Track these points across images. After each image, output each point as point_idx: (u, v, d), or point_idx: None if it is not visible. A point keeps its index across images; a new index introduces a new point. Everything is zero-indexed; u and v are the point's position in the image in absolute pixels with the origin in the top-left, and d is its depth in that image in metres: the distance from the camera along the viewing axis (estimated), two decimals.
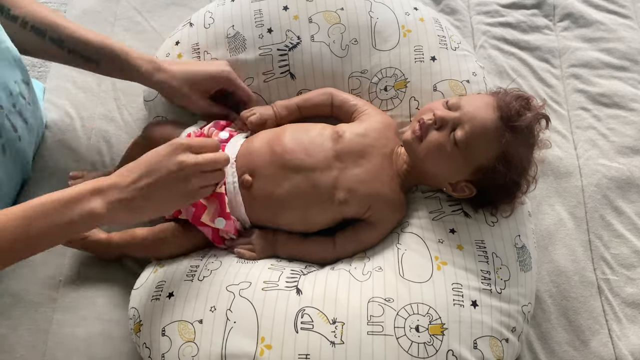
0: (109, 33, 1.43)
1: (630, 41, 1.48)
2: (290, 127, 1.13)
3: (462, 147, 1.00)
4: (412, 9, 1.23)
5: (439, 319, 0.94)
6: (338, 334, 0.92)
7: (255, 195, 1.07)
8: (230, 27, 1.20)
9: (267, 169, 1.07)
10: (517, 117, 0.99)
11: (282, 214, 1.07)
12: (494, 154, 1.00)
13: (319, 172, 1.05)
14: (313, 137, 1.09)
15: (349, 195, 1.05)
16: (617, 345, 1.13)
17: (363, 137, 1.09)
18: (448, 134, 1.01)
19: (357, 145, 1.08)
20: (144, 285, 1.04)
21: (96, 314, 1.10)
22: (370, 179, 1.06)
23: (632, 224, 1.25)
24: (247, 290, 0.97)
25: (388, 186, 1.08)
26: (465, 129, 0.99)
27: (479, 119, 1.00)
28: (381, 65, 1.19)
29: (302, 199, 1.06)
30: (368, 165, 1.07)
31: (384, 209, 1.07)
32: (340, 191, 1.05)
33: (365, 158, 1.07)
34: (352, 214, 1.07)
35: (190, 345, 0.94)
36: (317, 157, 1.06)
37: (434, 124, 1.02)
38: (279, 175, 1.06)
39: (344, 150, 1.07)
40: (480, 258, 1.01)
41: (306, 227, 1.09)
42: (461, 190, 1.04)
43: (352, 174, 1.06)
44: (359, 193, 1.05)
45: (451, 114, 1.02)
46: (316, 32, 1.19)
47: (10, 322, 1.08)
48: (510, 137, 0.98)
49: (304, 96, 1.19)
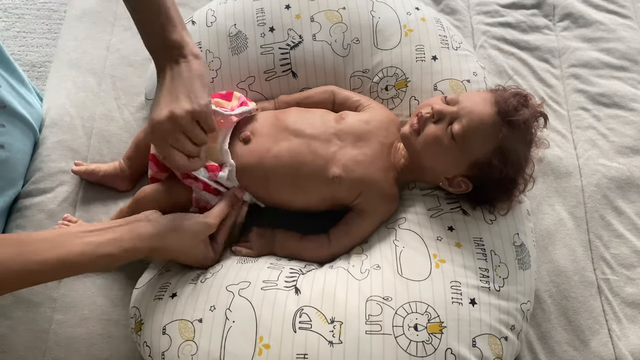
0: (109, 33, 1.44)
1: (630, 41, 1.48)
2: (295, 109, 1.15)
3: (459, 140, 1.00)
4: (413, 8, 1.24)
5: (438, 317, 0.94)
6: (336, 334, 0.92)
7: (251, 150, 1.08)
8: (232, 25, 1.21)
9: (268, 130, 1.09)
10: (515, 113, 1.00)
11: (273, 176, 1.08)
12: (490, 148, 1.00)
13: (318, 142, 1.07)
14: (317, 115, 1.12)
15: (343, 172, 1.05)
16: (617, 345, 1.13)
17: (365, 124, 1.10)
18: (445, 127, 1.02)
19: (358, 129, 1.09)
20: (147, 285, 1.05)
21: (96, 314, 1.10)
22: (366, 163, 1.07)
23: (632, 224, 1.25)
24: (246, 290, 0.97)
25: (383, 175, 1.08)
26: (463, 122, 1.00)
27: (477, 113, 1.00)
28: (382, 64, 1.19)
29: (296, 163, 1.06)
30: (366, 150, 1.08)
31: (374, 196, 1.08)
32: (335, 167, 1.06)
33: (364, 141, 1.08)
34: (342, 195, 1.08)
35: (189, 344, 0.94)
36: (318, 130, 1.08)
37: (431, 117, 1.03)
38: (279, 136, 1.08)
39: (344, 130, 1.09)
40: (478, 256, 1.01)
41: (294, 198, 1.10)
42: (457, 185, 1.04)
43: (350, 154, 1.07)
44: (353, 173, 1.06)
45: (449, 108, 1.02)
46: (318, 31, 1.19)
47: (10, 322, 1.09)
48: (507, 132, 0.99)
49: (305, 93, 1.20)
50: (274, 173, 1.07)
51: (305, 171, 1.06)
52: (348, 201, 1.08)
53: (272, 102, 1.20)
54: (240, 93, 1.17)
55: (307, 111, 1.14)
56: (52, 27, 2.02)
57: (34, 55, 1.96)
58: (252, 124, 1.11)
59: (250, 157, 1.08)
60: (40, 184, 1.23)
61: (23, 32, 2.00)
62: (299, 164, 1.06)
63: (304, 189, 1.08)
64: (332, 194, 1.08)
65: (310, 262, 1.09)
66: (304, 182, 1.07)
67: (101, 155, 1.27)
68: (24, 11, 2.03)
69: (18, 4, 2.05)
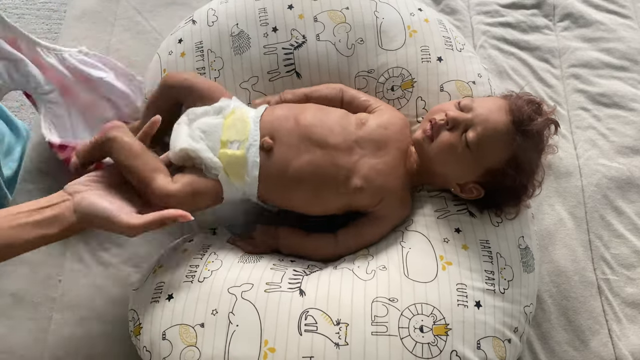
0: (109, 33, 1.43)
1: (630, 41, 1.49)
2: (312, 106, 1.11)
3: (473, 148, 1.00)
4: (416, 9, 1.23)
5: (443, 319, 0.94)
6: (342, 335, 0.92)
7: (273, 161, 1.04)
8: (235, 25, 1.19)
9: (290, 138, 1.04)
10: (529, 122, 1.00)
11: (294, 188, 1.05)
12: (504, 157, 1.00)
13: (341, 153, 1.04)
14: (336, 119, 1.08)
15: (365, 183, 1.04)
16: (617, 345, 1.14)
17: (384, 129, 1.08)
18: (460, 135, 1.01)
19: (379, 136, 1.07)
20: (143, 286, 1.03)
21: (96, 314, 1.10)
22: (386, 172, 1.06)
23: (632, 224, 1.25)
24: (249, 292, 0.96)
25: (400, 182, 1.07)
26: (478, 130, 1.00)
27: (492, 121, 1.00)
28: (388, 64, 1.18)
29: (318, 176, 1.04)
30: (386, 158, 1.06)
31: (394, 203, 1.07)
32: (357, 178, 1.04)
33: (384, 150, 1.07)
34: (363, 203, 1.07)
35: (192, 350, 0.93)
36: (340, 138, 1.05)
37: (445, 124, 1.02)
38: (301, 147, 1.04)
39: (365, 137, 1.06)
40: (485, 258, 1.01)
41: (315, 208, 1.08)
42: (469, 191, 1.04)
43: (371, 163, 1.05)
44: (374, 184, 1.04)
45: (464, 115, 1.02)
46: (321, 31, 1.19)
47: (10, 322, 1.08)
48: (521, 141, 0.99)
49: (313, 88, 1.17)
50: (295, 185, 1.04)
51: (326, 183, 1.04)
52: (368, 207, 1.07)
53: (277, 96, 1.16)
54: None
55: (326, 112, 1.09)
56: (52, 27, 2.01)
57: None
58: (272, 124, 1.06)
59: (271, 168, 1.04)
60: (37, 184, 1.23)
61: None
62: (321, 176, 1.04)
63: (324, 199, 1.06)
64: (352, 202, 1.07)
65: (314, 260, 1.08)
66: (324, 193, 1.05)
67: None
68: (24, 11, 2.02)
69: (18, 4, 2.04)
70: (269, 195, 1.07)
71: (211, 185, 1.02)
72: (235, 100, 1.11)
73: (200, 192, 1.01)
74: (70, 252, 1.15)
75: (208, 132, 1.04)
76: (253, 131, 1.04)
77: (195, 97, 1.09)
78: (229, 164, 1.02)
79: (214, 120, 1.05)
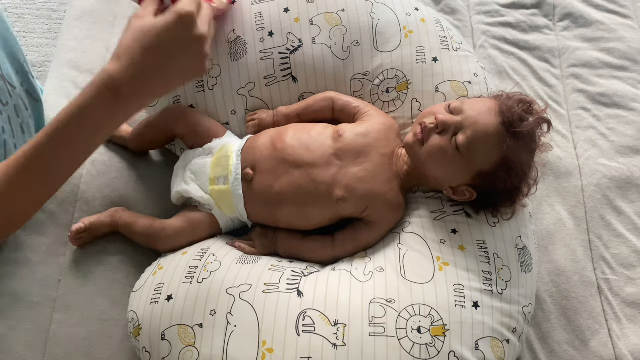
0: (109, 33, 1.43)
1: (630, 41, 1.49)
2: (294, 127, 1.14)
3: (463, 152, 1.00)
4: (413, 9, 1.23)
5: (441, 320, 0.94)
6: (340, 336, 0.92)
7: (255, 189, 1.08)
8: (231, 31, 1.19)
9: (268, 164, 1.08)
10: (519, 123, 0.99)
11: (280, 209, 1.08)
12: (495, 159, 1.00)
13: (318, 169, 1.06)
14: (314, 135, 1.10)
15: (346, 193, 1.05)
16: (617, 345, 1.14)
17: (363, 137, 1.09)
18: (450, 138, 1.01)
19: (357, 145, 1.08)
20: (143, 287, 1.04)
21: (96, 314, 1.10)
22: (368, 178, 1.06)
23: (632, 224, 1.25)
24: (247, 293, 0.97)
25: (387, 186, 1.08)
26: (467, 134, 1.00)
27: (481, 124, 1.00)
28: (383, 66, 1.19)
29: (300, 195, 1.06)
30: (367, 165, 1.07)
31: (381, 209, 1.08)
32: (338, 189, 1.05)
33: (364, 157, 1.07)
34: (349, 212, 1.08)
35: (190, 350, 0.93)
36: (316, 154, 1.07)
37: (435, 128, 1.02)
38: (279, 170, 1.07)
39: (343, 148, 1.08)
40: (481, 259, 1.01)
41: (304, 224, 1.10)
42: (462, 194, 1.04)
43: (351, 172, 1.06)
44: (356, 192, 1.05)
45: (453, 118, 1.02)
46: (317, 35, 1.18)
47: (10, 322, 1.08)
48: (512, 143, 0.98)
49: (305, 103, 1.18)
50: (279, 206, 1.08)
51: (309, 200, 1.07)
52: (356, 215, 1.08)
53: (271, 113, 1.18)
54: None
55: (305, 130, 1.12)
56: (52, 27, 2.01)
57: (33, 55, 1.94)
58: (252, 154, 1.11)
59: (255, 196, 1.09)
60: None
61: (23, 32, 1.98)
62: (302, 194, 1.06)
63: (310, 214, 1.09)
64: (340, 213, 1.08)
65: (312, 262, 1.09)
66: (309, 209, 1.08)
67: (100, 154, 1.26)
68: (24, 11, 2.02)
69: (18, 4, 2.04)
70: (260, 219, 1.12)
71: (207, 218, 1.13)
72: (228, 136, 1.17)
73: (197, 224, 1.12)
74: (70, 252, 1.15)
75: (197, 172, 1.14)
76: (235, 165, 1.11)
77: (191, 133, 1.17)
78: (219, 199, 1.11)
79: (202, 160, 1.15)
